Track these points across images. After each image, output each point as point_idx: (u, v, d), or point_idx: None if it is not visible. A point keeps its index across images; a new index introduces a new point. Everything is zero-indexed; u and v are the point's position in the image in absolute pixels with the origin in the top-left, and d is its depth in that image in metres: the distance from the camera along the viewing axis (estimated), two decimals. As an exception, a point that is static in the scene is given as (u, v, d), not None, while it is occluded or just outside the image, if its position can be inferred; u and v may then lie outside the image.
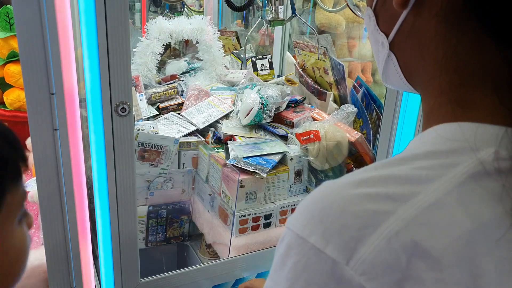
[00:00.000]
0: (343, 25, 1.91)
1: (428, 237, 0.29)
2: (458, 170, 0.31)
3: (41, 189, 0.80)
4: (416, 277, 0.28)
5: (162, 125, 1.35)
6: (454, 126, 0.34)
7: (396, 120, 1.18)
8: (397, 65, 0.40)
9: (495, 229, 0.29)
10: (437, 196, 0.30)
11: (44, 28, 0.70)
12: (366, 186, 0.31)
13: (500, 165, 0.30)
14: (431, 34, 0.36)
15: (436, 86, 0.37)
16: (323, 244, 0.30)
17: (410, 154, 0.34)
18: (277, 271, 0.32)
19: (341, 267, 0.29)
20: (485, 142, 0.32)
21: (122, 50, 0.78)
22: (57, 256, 0.86)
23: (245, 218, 1.17)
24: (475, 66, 0.34)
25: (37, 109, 0.74)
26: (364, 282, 0.28)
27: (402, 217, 0.29)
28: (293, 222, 0.32)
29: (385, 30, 0.40)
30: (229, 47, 2.06)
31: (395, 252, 0.28)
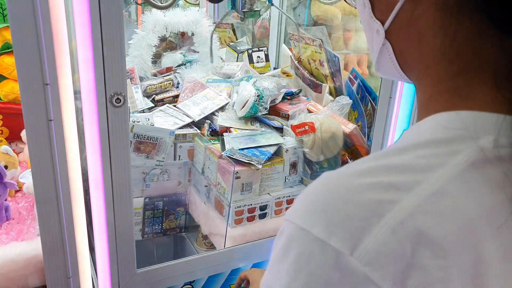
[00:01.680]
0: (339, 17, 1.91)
1: (432, 225, 0.29)
2: (459, 158, 0.31)
3: (36, 180, 0.80)
4: (420, 265, 0.28)
5: (157, 117, 1.35)
6: (452, 115, 0.34)
7: (391, 112, 1.18)
8: (392, 54, 0.40)
9: (497, 216, 0.30)
10: (440, 184, 0.30)
11: (37, 18, 0.69)
12: (368, 175, 0.31)
13: (501, 153, 0.31)
14: (429, 22, 0.35)
15: (434, 75, 0.37)
16: (326, 235, 0.29)
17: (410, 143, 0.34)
18: (277, 264, 0.32)
19: (345, 258, 0.29)
20: (484, 130, 0.32)
21: (116, 39, 0.77)
22: (53, 246, 0.87)
23: (240, 209, 1.18)
24: (473, 54, 0.34)
25: (31, 99, 0.74)
26: (369, 273, 0.28)
27: (406, 206, 0.29)
28: (293, 214, 0.32)
29: (381, 17, 0.40)
30: (225, 39, 2.06)
31: (399, 241, 0.28)
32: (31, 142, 0.77)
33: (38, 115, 0.76)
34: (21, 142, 1.25)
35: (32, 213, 1.03)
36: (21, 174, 1.04)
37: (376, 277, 0.28)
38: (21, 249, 0.90)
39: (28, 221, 1.00)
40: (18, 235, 0.95)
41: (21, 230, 0.96)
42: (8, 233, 0.95)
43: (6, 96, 1.19)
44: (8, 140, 1.23)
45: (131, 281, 1.00)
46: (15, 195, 1.09)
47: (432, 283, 0.28)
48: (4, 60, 1.18)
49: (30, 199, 1.07)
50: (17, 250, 0.89)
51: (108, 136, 0.85)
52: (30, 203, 1.06)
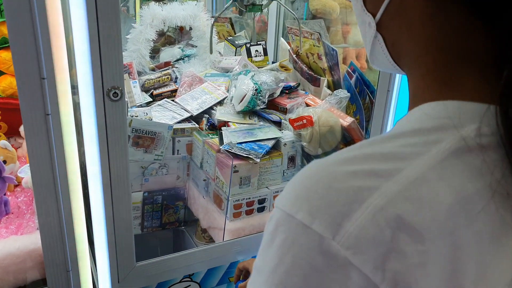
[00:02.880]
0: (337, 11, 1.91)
1: (412, 211, 0.29)
2: (441, 146, 0.32)
3: (35, 174, 0.81)
4: (399, 250, 0.29)
5: (156, 111, 1.35)
6: (439, 104, 0.35)
7: (389, 105, 1.18)
8: (384, 46, 0.41)
9: (476, 203, 0.30)
10: (420, 171, 0.31)
11: (34, 12, 0.70)
12: (352, 163, 0.32)
13: (482, 141, 0.31)
14: (418, 13, 0.36)
15: (423, 65, 0.37)
16: (310, 220, 0.30)
17: (395, 132, 0.35)
18: (266, 249, 0.33)
19: (327, 242, 0.30)
20: (468, 119, 0.32)
21: (113, 33, 0.77)
22: (52, 240, 0.87)
23: (239, 203, 1.18)
24: (461, 45, 0.34)
25: (28, 93, 0.74)
26: (350, 257, 0.29)
27: (386, 192, 0.30)
28: (281, 200, 0.33)
29: (372, 10, 0.40)
30: (224, 33, 2.05)
31: (379, 227, 0.29)
32: (29, 136, 0.77)
33: (35, 109, 0.76)
34: (19, 137, 1.26)
35: (31, 208, 1.03)
36: (20, 168, 1.04)
37: (356, 261, 0.29)
38: (20, 243, 0.90)
39: (27, 215, 1.01)
40: (18, 229, 0.95)
41: (21, 224, 0.97)
42: (8, 227, 0.95)
43: (4, 91, 1.19)
44: (6, 135, 1.23)
45: (130, 274, 1.01)
46: (14, 190, 1.10)
47: (411, 267, 0.29)
48: (2, 55, 1.17)
49: (29, 194, 1.07)
50: (16, 244, 0.90)
51: (106, 130, 0.85)
52: (29, 197, 1.07)
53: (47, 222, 0.85)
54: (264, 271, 0.32)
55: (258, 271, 0.33)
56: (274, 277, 0.31)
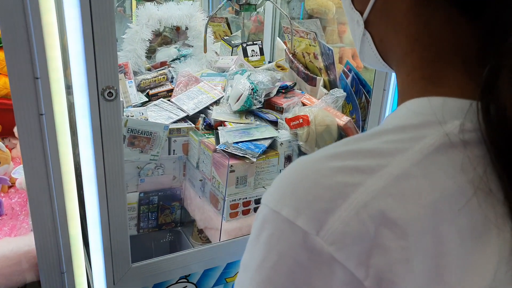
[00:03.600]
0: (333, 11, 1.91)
1: (395, 207, 0.29)
2: (425, 142, 0.32)
3: (29, 175, 0.80)
4: (383, 245, 0.29)
5: (151, 111, 1.35)
6: (424, 101, 0.35)
7: (385, 104, 1.18)
8: (372, 43, 0.41)
9: (458, 199, 0.30)
10: (403, 167, 0.31)
11: (27, 11, 0.69)
12: (337, 159, 0.32)
13: (465, 137, 0.31)
14: (404, 11, 0.36)
15: (409, 62, 0.37)
16: (294, 216, 0.30)
17: (381, 129, 0.35)
18: (253, 245, 0.33)
19: (312, 237, 0.29)
20: (452, 115, 0.32)
21: (107, 33, 0.77)
22: (46, 242, 0.86)
23: (235, 203, 1.18)
24: (446, 41, 0.35)
25: (22, 93, 0.73)
26: (334, 252, 0.29)
27: (370, 188, 0.30)
28: (267, 197, 0.33)
29: (360, 8, 0.41)
30: (220, 33, 2.05)
31: (363, 223, 0.29)
32: (23, 136, 0.77)
33: (29, 109, 0.75)
34: (14, 138, 1.25)
35: (25, 209, 1.02)
36: (14, 169, 1.03)
37: (340, 256, 0.29)
38: (14, 244, 0.89)
39: (21, 216, 1.00)
40: (11, 230, 0.94)
41: (14, 225, 0.96)
42: (1, 229, 0.94)
43: (-2, 92, 1.18)
44: (1, 135, 1.22)
45: (126, 275, 1.00)
46: (8, 191, 1.09)
47: (394, 263, 0.29)
48: (-5, 55, 1.17)
49: (23, 195, 1.06)
50: (10, 245, 0.89)
51: (101, 130, 0.84)
52: (23, 198, 1.06)
53: (41, 224, 0.84)
54: (250, 267, 0.32)
55: (244, 267, 0.34)
56: (260, 273, 0.31)
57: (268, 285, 0.31)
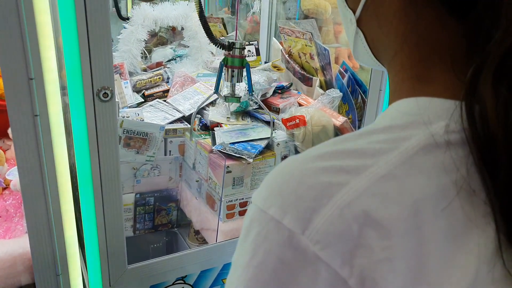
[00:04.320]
0: (329, 11, 1.91)
1: (378, 207, 0.30)
2: (410, 143, 0.32)
3: (23, 176, 0.79)
4: (366, 245, 0.29)
5: (147, 112, 1.34)
6: (411, 101, 0.35)
7: (381, 104, 1.18)
8: (364, 42, 0.41)
9: (441, 199, 0.30)
10: (388, 168, 0.31)
11: (21, 12, 0.68)
12: (323, 160, 0.32)
13: (450, 138, 0.31)
14: (394, 10, 0.37)
15: (399, 61, 0.38)
16: (281, 215, 0.31)
17: (369, 129, 0.35)
18: (242, 243, 0.33)
19: (297, 237, 0.30)
20: (437, 116, 0.32)
21: (102, 33, 0.76)
22: (41, 244, 0.86)
23: (232, 204, 1.17)
24: (434, 41, 0.35)
25: (16, 94, 0.72)
26: (318, 251, 0.29)
27: (354, 188, 0.30)
28: (255, 196, 0.34)
29: (353, 6, 0.41)
30: (216, 33, 2.04)
31: (347, 222, 0.29)
32: (17, 138, 0.76)
33: (23, 110, 0.74)
34: (8, 139, 1.24)
35: (19, 211, 1.01)
36: (8, 171, 1.02)
37: (325, 255, 0.29)
38: (8, 247, 0.89)
39: (15, 218, 0.99)
40: (6, 232, 0.93)
41: (9, 227, 0.95)
42: (-4, 231, 0.94)
43: (-8, 92, 1.17)
44: (-6, 137, 1.21)
45: (122, 277, 1.00)
46: (2, 193, 1.08)
47: (378, 262, 0.29)
48: (-11, 55, 1.15)
49: (18, 197, 1.06)
50: (4, 248, 0.88)
51: (96, 131, 0.84)
52: (18, 200, 1.05)
53: (36, 226, 0.83)
54: (239, 265, 0.33)
55: (234, 265, 0.34)
56: (248, 271, 0.32)
57: (255, 282, 0.31)
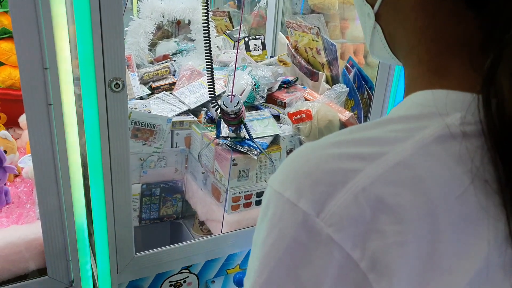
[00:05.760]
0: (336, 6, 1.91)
1: (392, 193, 0.31)
2: (425, 132, 0.33)
3: (37, 164, 0.81)
4: (379, 229, 0.30)
5: (154, 104, 1.36)
6: (428, 93, 0.36)
7: (387, 100, 1.20)
8: (382, 36, 0.42)
9: (455, 187, 0.31)
10: (403, 156, 0.32)
11: (37, 2, 0.70)
12: (340, 147, 0.34)
13: (465, 129, 0.32)
14: (411, 4, 0.37)
15: (416, 55, 0.38)
16: (296, 198, 0.32)
17: (385, 119, 0.36)
18: (260, 223, 0.35)
19: (312, 219, 0.31)
20: (453, 108, 0.33)
21: (115, 24, 0.78)
22: (53, 230, 0.88)
23: (237, 196, 1.19)
24: (451, 35, 0.36)
25: (31, 83, 0.74)
26: (332, 233, 0.31)
27: (368, 174, 0.31)
28: (272, 179, 0.35)
29: (371, 1, 0.42)
30: (222, 27, 2.05)
31: (361, 207, 0.30)
32: (31, 126, 0.78)
33: (38, 99, 0.76)
34: (18, 128, 1.25)
35: (31, 198, 1.03)
36: (20, 159, 1.04)
37: (338, 237, 0.31)
38: (21, 232, 0.91)
39: (27, 205, 1.01)
40: (18, 218, 0.96)
41: (21, 214, 0.97)
42: (9, 217, 0.96)
43: (4, 82, 1.19)
44: (6, 126, 1.22)
45: (129, 265, 1.02)
46: (14, 180, 1.10)
47: (389, 246, 0.30)
48: (1, 45, 1.17)
49: (29, 184, 1.08)
50: (17, 233, 0.90)
51: (107, 121, 0.85)
52: (29, 187, 1.07)
53: (48, 212, 0.86)
54: (257, 243, 0.35)
55: (254, 243, 0.36)
56: (263, 248, 0.34)
57: (269, 259, 0.33)
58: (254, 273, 0.34)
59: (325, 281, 0.31)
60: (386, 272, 0.30)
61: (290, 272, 0.32)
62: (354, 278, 0.31)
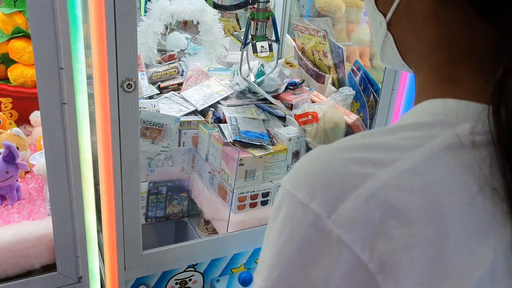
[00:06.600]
0: (342, 9, 1.92)
1: (401, 198, 0.32)
2: (436, 141, 0.34)
3: (50, 161, 0.83)
4: (387, 232, 0.31)
5: (163, 104, 1.37)
6: (439, 102, 0.37)
7: (393, 104, 1.21)
8: (393, 44, 0.43)
9: (465, 195, 0.32)
10: (413, 162, 0.33)
11: (55, 4, 0.71)
12: (352, 151, 0.35)
13: (475, 139, 0.33)
14: (424, 13, 0.38)
15: (427, 64, 0.39)
16: (308, 200, 0.33)
17: (396, 126, 0.37)
18: (272, 222, 0.37)
19: (323, 220, 0.33)
20: (464, 118, 0.34)
21: (129, 26, 0.79)
22: (64, 227, 0.89)
23: (243, 196, 1.21)
24: (464, 44, 0.36)
25: (47, 83, 0.76)
26: (342, 234, 0.32)
27: (379, 179, 0.32)
28: (285, 180, 0.37)
29: (383, 10, 0.43)
30: (229, 28, 2.07)
31: (370, 210, 0.32)
32: (45, 124, 0.79)
33: (53, 98, 0.78)
34: (29, 125, 1.27)
35: (41, 194, 1.05)
36: (31, 156, 1.06)
37: (348, 239, 0.32)
38: (32, 228, 0.92)
39: (38, 201, 1.03)
40: (30, 214, 0.97)
41: (32, 209, 0.99)
42: (20, 213, 0.97)
43: (16, 80, 1.21)
44: (16, 122, 1.25)
45: (136, 262, 1.03)
46: (24, 177, 1.12)
47: (397, 249, 0.31)
48: (15, 44, 1.19)
49: (39, 180, 1.09)
50: (28, 228, 0.92)
51: (119, 120, 0.87)
52: (39, 184, 1.09)
53: (59, 209, 0.87)
54: (269, 241, 0.36)
55: (266, 240, 0.37)
56: (275, 246, 0.35)
57: (280, 257, 0.34)
58: (265, 269, 0.35)
59: (334, 280, 0.32)
60: (393, 273, 0.31)
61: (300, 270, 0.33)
62: (362, 279, 0.32)
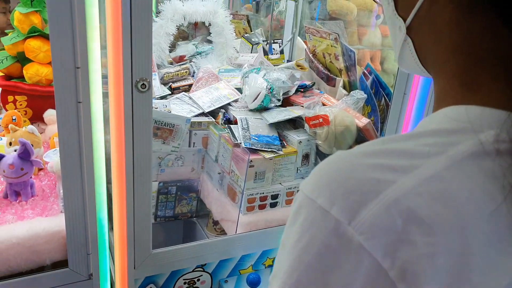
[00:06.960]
0: (354, 13, 1.92)
1: (423, 206, 0.31)
2: (459, 148, 0.33)
3: (64, 159, 0.84)
4: (410, 240, 0.31)
5: (174, 104, 1.38)
6: (461, 108, 0.36)
7: (404, 108, 1.20)
8: (412, 49, 0.43)
9: (487, 204, 0.32)
10: (435, 170, 0.32)
11: (73, 5, 0.73)
12: (373, 157, 0.34)
13: (500, 147, 0.32)
14: (446, 19, 0.38)
15: (448, 69, 0.39)
16: (328, 205, 0.33)
17: (417, 132, 0.37)
18: (290, 227, 0.36)
19: (343, 226, 0.32)
20: (488, 125, 0.34)
21: (144, 27, 0.80)
22: (76, 224, 0.91)
23: (253, 197, 1.21)
24: (486, 50, 0.36)
25: (63, 82, 0.77)
26: (363, 241, 0.31)
27: (401, 186, 0.32)
28: (305, 185, 0.36)
29: (403, 15, 0.42)
30: (240, 30, 2.08)
31: (392, 217, 0.31)
32: (61, 122, 0.81)
33: (69, 97, 0.79)
34: (43, 123, 1.29)
35: (54, 191, 1.07)
36: (45, 153, 1.07)
37: (369, 246, 0.31)
38: (45, 224, 0.94)
39: (51, 198, 1.04)
40: (43, 211, 0.99)
41: (45, 206, 1.00)
42: (34, 209, 0.99)
43: (31, 78, 1.23)
44: (30, 120, 1.26)
45: (146, 261, 1.04)
46: (38, 174, 1.13)
47: (420, 257, 0.31)
48: (31, 43, 1.21)
49: (52, 178, 1.11)
50: (42, 225, 0.93)
51: (132, 120, 0.88)
52: (52, 181, 1.10)
53: (72, 206, 0.88)
54: (287, 246, 0.36)
55: (283, 245, 0.37)
56: (293, 252, 0.35)
57: (299, 262, 0.34)
58: (283, 274, 0.35)
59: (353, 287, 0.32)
60: (415, 282, 0.31)
61: (319, 276, 0.33)
62: (382, 286, 0.31)
